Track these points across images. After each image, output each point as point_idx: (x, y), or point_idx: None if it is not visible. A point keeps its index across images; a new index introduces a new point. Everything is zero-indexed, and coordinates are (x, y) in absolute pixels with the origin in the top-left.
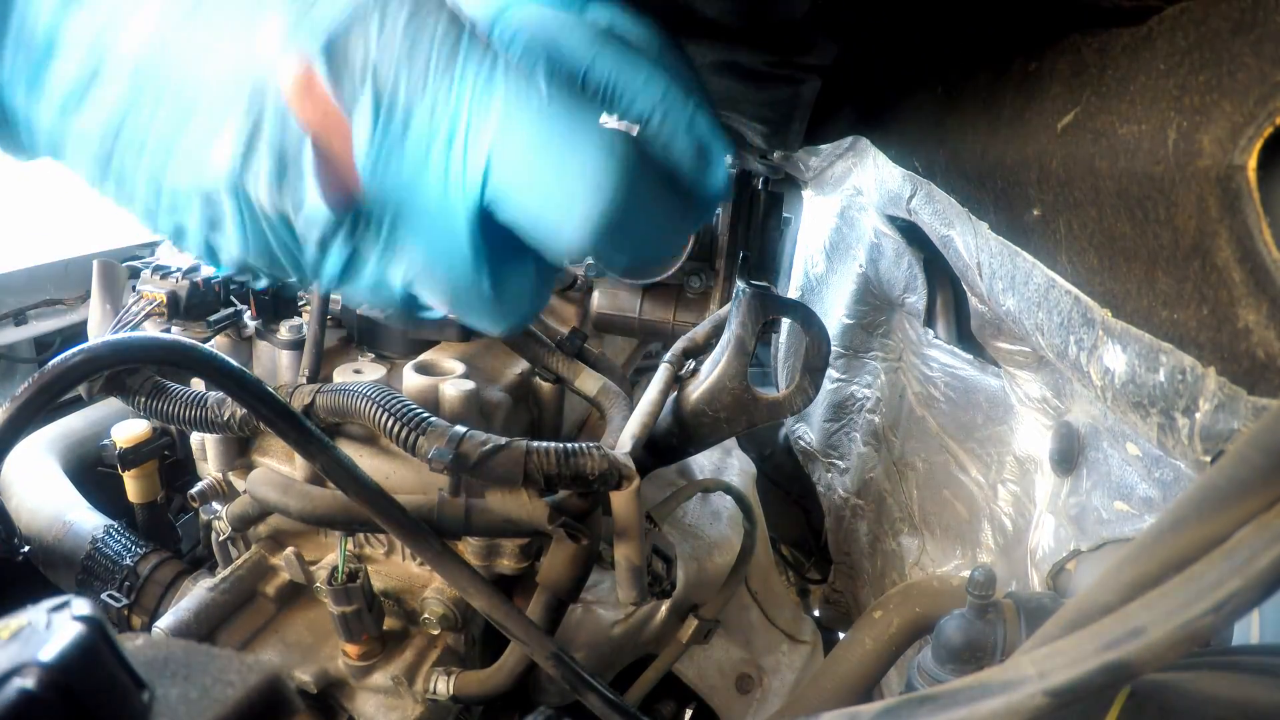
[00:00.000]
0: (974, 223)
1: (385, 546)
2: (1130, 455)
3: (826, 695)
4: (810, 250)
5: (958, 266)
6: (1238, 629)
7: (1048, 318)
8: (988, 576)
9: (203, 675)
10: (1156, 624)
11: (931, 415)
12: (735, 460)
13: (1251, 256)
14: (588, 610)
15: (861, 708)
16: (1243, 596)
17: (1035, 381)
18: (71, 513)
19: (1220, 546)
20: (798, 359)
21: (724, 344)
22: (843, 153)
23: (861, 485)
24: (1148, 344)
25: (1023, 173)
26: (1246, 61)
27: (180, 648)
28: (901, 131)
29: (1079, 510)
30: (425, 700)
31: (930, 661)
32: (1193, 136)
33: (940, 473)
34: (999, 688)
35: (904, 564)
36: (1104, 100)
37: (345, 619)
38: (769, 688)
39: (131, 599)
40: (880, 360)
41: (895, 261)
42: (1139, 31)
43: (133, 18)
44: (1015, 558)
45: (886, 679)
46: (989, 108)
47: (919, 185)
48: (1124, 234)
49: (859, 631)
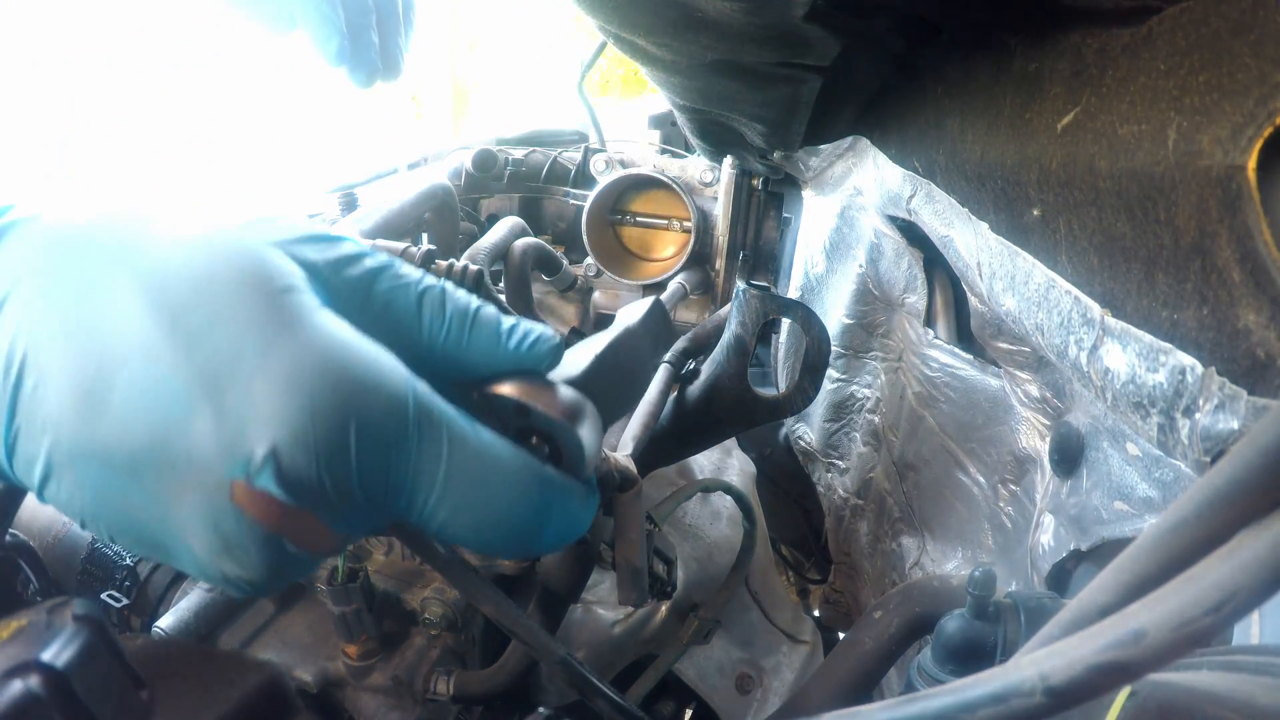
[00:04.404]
0: (974, 223)
1: (385, 546)
2: (1130, 455)
3: (826, 695)
4: (810, 250)
5: (958, 266)
6: (1238, 629)
7: (1048, 318)
8: (988, 576)
9: (203, 675)
10: (1156, 625)
11: (931, 415)
12: (735, 460)
13: (1251, 256)
14: (588, 610)
15: (861, 708)
16: (1243, 597)
17: (1035, 381)
18: None
19: (1220, 547)
20: (798, 359)
21: (724, 344)
22: (843, 153)
23: (861, 485)
24: (1148, 344)
25: (1023, 173)
26: (1246, 62)
27: (180, 648)
28: (901, 131)
29: (1079, 510)
30: (425, 700)
31: (930, 661)
32: (1193, 136)
33: (940, 473)
34: (999, 688)
35: (904, 564)
36: (1104, 100)
37: (345, 619)
38: (769, 688)
39: (131, 599)
40: (880, 360)
41: (895, 261)
42: (1139, 32)
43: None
44: (1015, 558)
45: (886, 679)
46: (989, 108)
47: (919, 185)
48: (1124, 234)
49: (859, 631)
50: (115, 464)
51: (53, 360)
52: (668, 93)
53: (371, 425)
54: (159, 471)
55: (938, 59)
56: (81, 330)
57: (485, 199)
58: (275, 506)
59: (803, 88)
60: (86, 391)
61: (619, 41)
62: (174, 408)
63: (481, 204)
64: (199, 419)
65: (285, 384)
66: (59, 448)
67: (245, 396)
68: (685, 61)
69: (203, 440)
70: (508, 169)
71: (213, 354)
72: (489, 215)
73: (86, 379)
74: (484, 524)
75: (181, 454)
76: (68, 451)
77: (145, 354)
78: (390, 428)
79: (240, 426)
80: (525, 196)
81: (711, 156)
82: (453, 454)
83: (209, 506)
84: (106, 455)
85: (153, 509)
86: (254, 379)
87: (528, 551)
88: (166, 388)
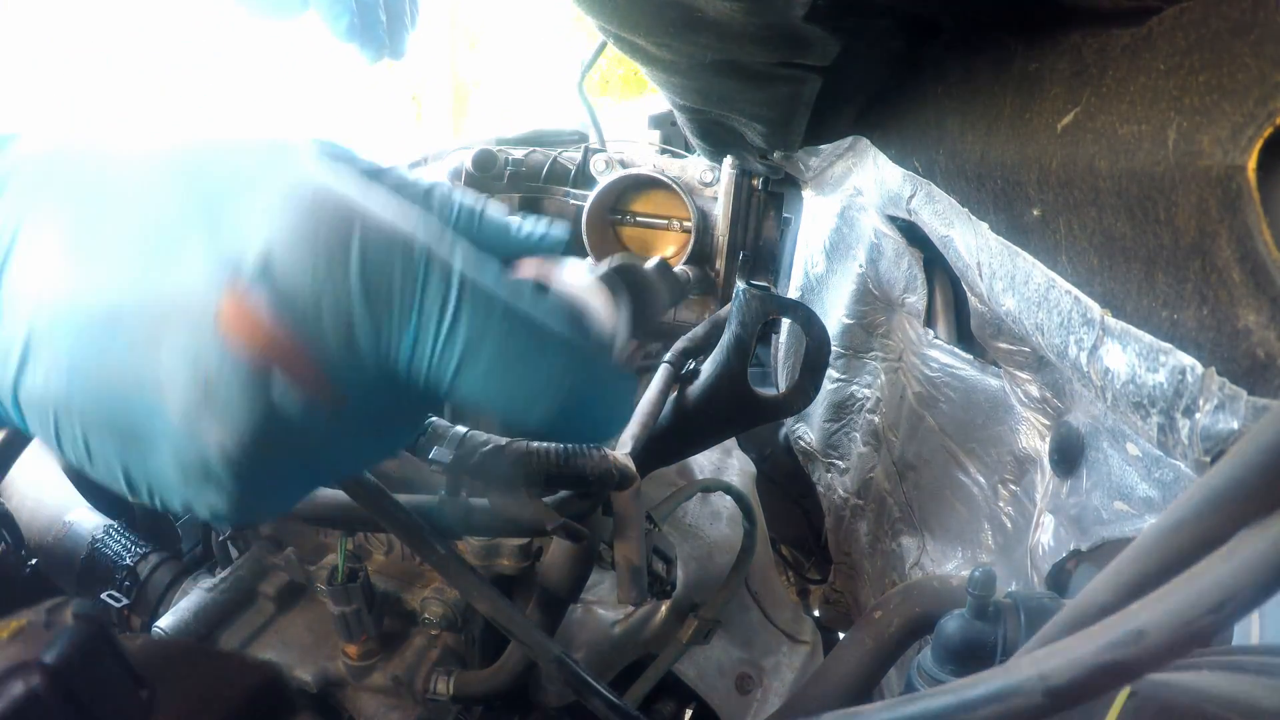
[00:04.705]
0: (974, 223)
1: (385, 546)
2: (1130, 455)
3: (826, 695)
4: (810, 250)
5: (958, 266)
6: (1238, 629)
7: (1048, 318)
8: (988, 576)
9: (203, 675)
10: (1156, 624)
11: (931, 415)
12: (735, 460)
13: (1251, 256)
14: (588, 610)
15: (862, 708)
16: (1243, 597)
17: (1035, 381)
18: (71, 513)
19: (1220, 547)
20: (798, 359)
21: (724, 344)
22: (843, 153)
23: (861, 485)
24: (1148, 344)
25: (1023, 173)
26: (1246, 62)
27: (180, 648)
28: (901, 131)
29: (1079, 510)
30: (425, 700)
31: (930, 661)
32: (1193, 136)
33: (940, 473)
34: (999, 688)
35: (904, 564)
36: (1104, 100)
37: (345, 619)
38: (769, 688)
39: (131, 599)
40: (880, 360)
41: (895, 261)
42: (1139, 32)
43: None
44: (1015, 558)
45: (886, 679)
46: (989, 108)
47: (919, 185)
48: (1124, 234)
49: (859, 631)
50: (95, 317)
51: (41, 230)
52: (668, 93)
53: (377, 242)
54: (141, 314)
55: (938, 59)
56: (76, 194)
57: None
58: (263, 328)
59: (803, 88)
60: (73, 248)
61: (619, 41)
62: (161, 240)
63: None
64: (189, 245)
65: (285, 195)
66: (38, 316)
67: (241, 212)
68: (685, 61)
69: (191, 266)
70: (508, 169)
71: (211, 181)
72: None
73: (73, 236)
74: (508, 383)
75: (167, 288)
76: (47, 319)
77: (140, 198)
78: (397, 247)
79: (233, 238)
80: (525, 196)
81: (711, 156)
82: (466, 291)
83: (191, 343)
84: (87, 309)
85: (130, 364)
86: (252, 194)
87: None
88: (156, 222)
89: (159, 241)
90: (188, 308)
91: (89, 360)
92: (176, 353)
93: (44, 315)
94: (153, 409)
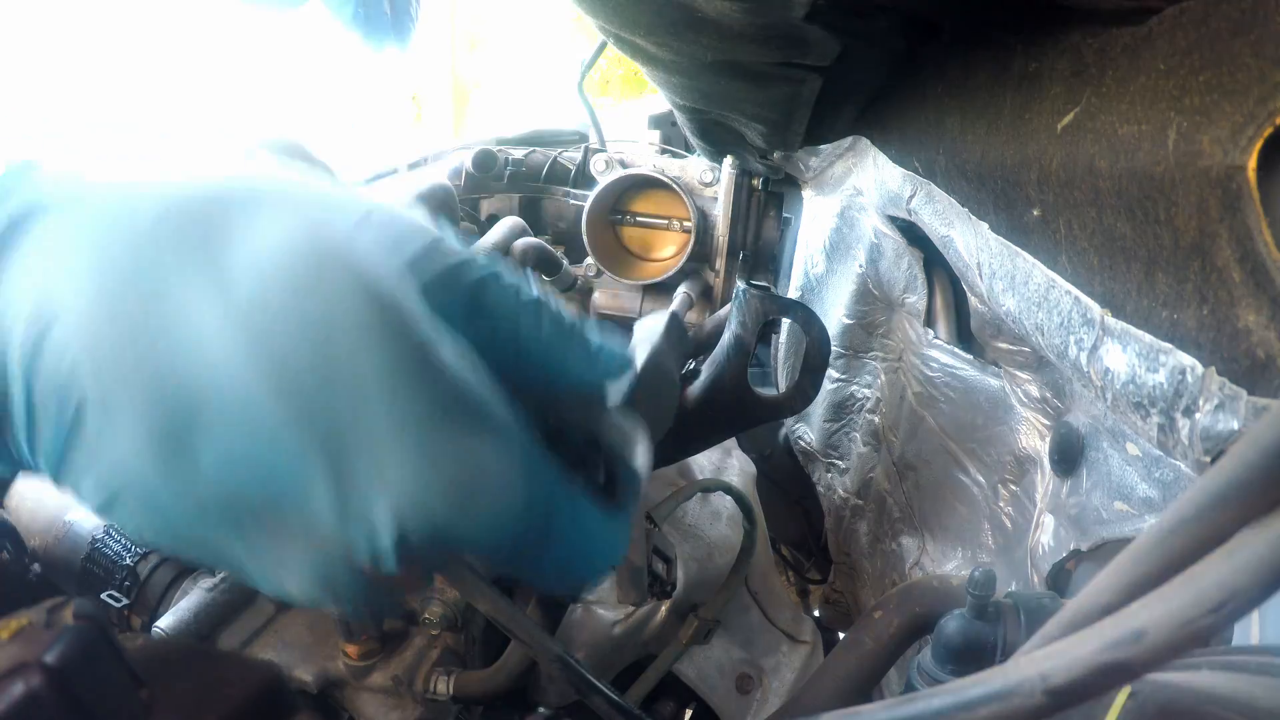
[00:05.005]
0: (974, 223)
1: None
2: (1130, 455)
3: (826, 695)
4: (810, 250)
5: (958, 266)
6: (1238, 629)
7: (1048, 318)
8: (988, 576)
9: (203, 675)
10: (1156, 624)
11: (931, 415)
12: (735, 460)
13: (1251, 256)
14: (588, 610)
15: (862, 708)
16: (1243, 597)
17: (1035, 381)
18: (71, 512)
19: (1220, 547)
20: (798, 359)
21: (724, 344)
22: (843, 153)
23: (861, 485)
24: (1148, 344)
25: (1023, 173)
26: (1246, 61)
27: (180, 648)
28: (901, 131)
29: (1079, 510)
30: (425, 700)
31: (930, 661)
32: (1193, 136)
33: (940, 473)
34: (999, 688)
35: (904, 564)
36: (1104, 100)
37: (345, 619)
38: (769, 688)
39: (131, 599)
40: (880, 360)
41: (895, 261)
42: (1139, 31)
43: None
44: (1015, 558)
45: (886, 679)
46: (989, 108)
47: (919, 185)
48: (1124, 234)
49: (859, 631)
50: (206, 508)
51: (118, 394)
52: (668, 93)
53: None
54: (259, 520)
55: (938, 59)
56: (152, 359)
57: (485, 199)
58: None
59: (803, 88)
60: (165, 434)
61: (619, 41)
62: (280, 463)
63: (482, 204)
64: (314, 483)
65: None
66: (131, 490)
67: (370, 474)
68: (685, 61)
69: (319, 505)
70: (508, 169)
71: (328, 412)
72: (489, 215)
73: (163, 418)
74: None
75: (292, 511)
76: (143, 492)
77: (236, 394)
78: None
79: (365, 508)
80: (525, 196)
81: (711, 156)
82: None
83: (322, 561)
84: (197, 500)
85: (244, 547)
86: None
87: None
88: (268, 438)
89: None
90: (316, 539)
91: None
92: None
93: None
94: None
